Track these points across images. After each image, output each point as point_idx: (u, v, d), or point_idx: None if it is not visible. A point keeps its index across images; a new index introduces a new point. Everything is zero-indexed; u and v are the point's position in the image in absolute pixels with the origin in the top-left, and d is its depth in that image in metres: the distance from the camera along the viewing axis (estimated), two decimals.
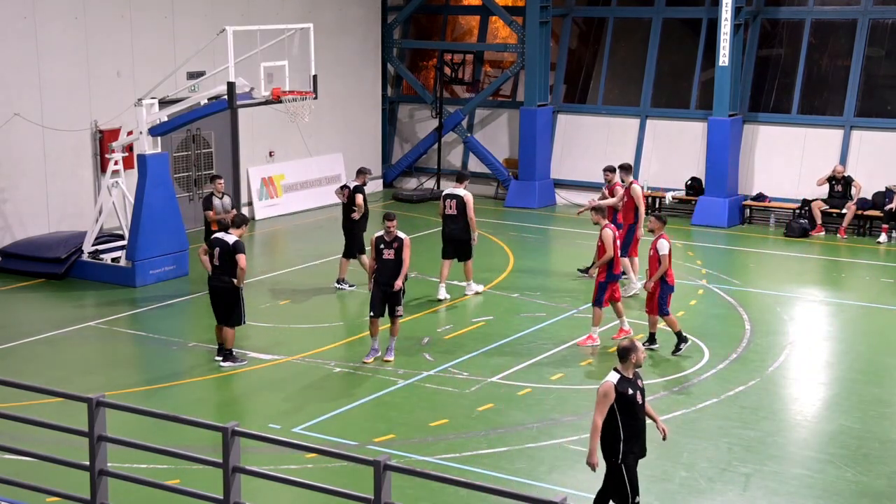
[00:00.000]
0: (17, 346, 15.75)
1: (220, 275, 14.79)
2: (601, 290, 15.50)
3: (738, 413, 13.29)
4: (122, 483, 9.32)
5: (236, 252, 14.67)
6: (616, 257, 15.45)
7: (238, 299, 14.85)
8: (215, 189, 18.02)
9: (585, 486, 11.32)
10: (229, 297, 14.82)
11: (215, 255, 14.80)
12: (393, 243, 14.81)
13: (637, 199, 18.00)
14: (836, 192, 23.29)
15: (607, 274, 15.47)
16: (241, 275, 14.71)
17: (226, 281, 14.77)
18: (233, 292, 14.81)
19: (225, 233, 14.93)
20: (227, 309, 14.86)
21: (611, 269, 15.48)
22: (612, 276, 15.51)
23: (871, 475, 11.64)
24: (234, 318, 14.89)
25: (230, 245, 14.73)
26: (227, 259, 14.71)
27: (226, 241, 14.79)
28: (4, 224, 20.05)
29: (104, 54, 21.34)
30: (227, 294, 14.80)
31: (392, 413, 13.26)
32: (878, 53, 24.46)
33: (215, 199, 17.90)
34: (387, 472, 7.71)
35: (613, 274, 15.52)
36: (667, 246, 14.97)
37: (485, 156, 27.14)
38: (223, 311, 14.89)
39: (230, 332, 14.94)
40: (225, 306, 14.85)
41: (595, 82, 27.19)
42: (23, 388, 9.98)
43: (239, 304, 14.89)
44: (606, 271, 15.46)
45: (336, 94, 26.05)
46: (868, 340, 16.23)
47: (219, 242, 14.83)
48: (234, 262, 14.67)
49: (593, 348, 15.45)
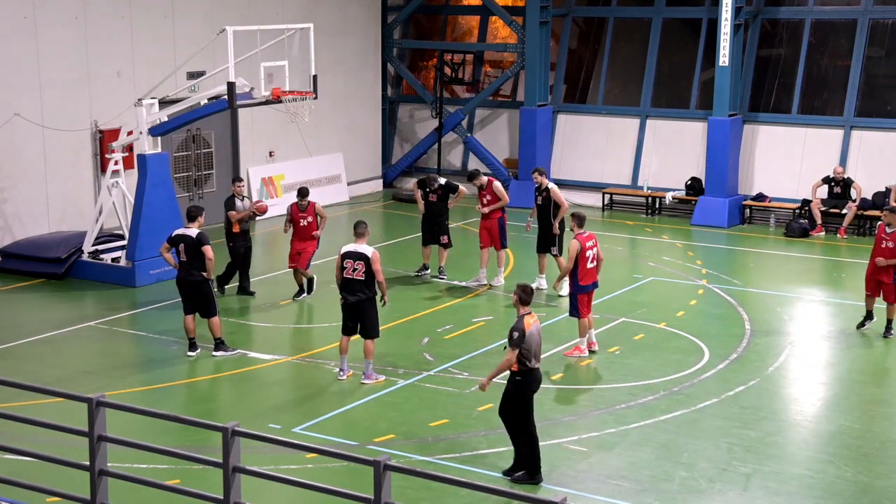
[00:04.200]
0: (17, 346, 15.75)
1: (189, 269, 14.98)
2: (572, 300, 15.23)
3: (738, 413, 13.29)
4: (122, 483, 9.31)
5: (201, 244, 14.88)
6: (582, 268, 14.97)
7: (209, 290, 15.09)
8: (236, 191, 18.00)
9: (585, 486, 11.33)
10: (201, 290, 15.02)
11: (181, 250, 15.02)
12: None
13: (500, 194, 18.68)
14: (836, 193, 23.29)
15: (574, 285, 15.13)
16: (210, 266, 14.94)
17: (195, 274, 14.95)
18: (203, 284, 15.00)
19: (185, 227, 15.22)
20: (203, 300, 15.06)
21: (576, 280, 15.07)
22: (578, 287, 15.07)
23: (871, 475, 11.64)
24: (211, 308, 15.10)
25: (194, 238, 14.94)
26: (194, 253, 14.90)
27: (189, 236, 15.01)
28: (4, 224, 20.05)
29: (104, 54, 21.34)
30: (198, 286, 15.00)
31: (392, 413, 13.25)
32: (878, 53, 24.46)
33: (237, 201, 17.85)
34: (387, 472, 7.71)
35: (579, 285, 15.07)
36: (576, 246, 14.90)
37: (485, 156, 27.14)
38: (199, 304, 15.08)
39: (215, 321, 15.14)
40: (200, 298, 15.05)
41: (595, 82, 27.19)
42: (23, 388, 9.98)
43: (211, 294, 15.14)
44: (573, 282, 15.13)
45: (336, 94, 26.05)
46: (868, 340, 16.23)
47: (182, 238, 15.04)
48: (200, 255, 14.86)
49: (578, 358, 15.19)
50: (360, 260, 13.85)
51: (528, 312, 11.35)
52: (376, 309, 14.13)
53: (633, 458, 12.00)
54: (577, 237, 15.04)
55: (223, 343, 15.26)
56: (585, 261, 14.98)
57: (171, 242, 15.18)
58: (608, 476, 11.55)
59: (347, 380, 14.26)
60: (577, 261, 14.91)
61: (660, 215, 25.44)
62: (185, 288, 15.11)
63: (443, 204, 19.09)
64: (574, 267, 14.97)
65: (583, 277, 15.03)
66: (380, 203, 26.62)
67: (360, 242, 14.03)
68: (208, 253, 14.87)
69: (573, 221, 15.31)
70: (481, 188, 18.85)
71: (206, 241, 14.94)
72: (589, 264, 15.03)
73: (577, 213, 15.49)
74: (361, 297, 13.93)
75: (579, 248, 14.91)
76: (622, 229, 23.87)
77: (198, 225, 15.12)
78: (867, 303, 16.35)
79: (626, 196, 26.01)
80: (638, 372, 14.69)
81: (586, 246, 15.00)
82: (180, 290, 15.21)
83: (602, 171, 26.43)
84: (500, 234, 18.79)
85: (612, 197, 25.97)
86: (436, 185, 19.08)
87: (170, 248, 15.25)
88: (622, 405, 13.49)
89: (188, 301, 15.14)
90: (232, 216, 17.75)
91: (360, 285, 13.90)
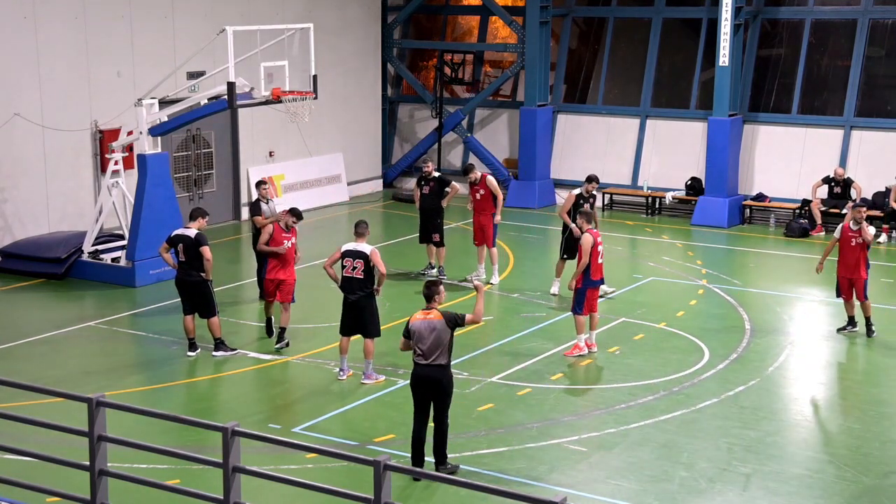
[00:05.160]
0: (17, 346, 15.75)
1: (188, 269, 14.98)
2: (579, 296, 15.21)
3: (738, 413, 13.29)
4: (122, 483, 9.31)
5: (199, 245, 14.89)
6: (594, 263, 15.04)
7: (210, 290, 15.06)
8: (261, 194, 17.51)
9: (585, 486, 11.34)
10: (200, 290, 15.01)
11: (179, 250, 15.02)
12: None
13: (495, 190, 18.75)
14: (836, 193, 23.29)
15: (584, 280, 15.13)
16: (208, 266, 14.94)
17: (194, 275, 14.96)
18: (202, 284, 15.00)
19: (184, 227, 15.22)
20: (202, 301, 15.05)
21: (588, 276, 15.10)
22: (589, 282, 15.11)
23: (871, 475, 11.64)
24: (210, 309, 15.09)
25: (193, 238, 14.95)
26: (192, 253, 14.91)
27: (188, 236, 15.02)
28: (4, 224, 20.05)
29: (104, 54, 21.34)
30: (197, 287, 14.99)
31: (392, 413, 13.25)
32: (878, 53, 24.46)
33: (262, 205, 17.59)
34: (387, 472, 7.71)
35: (591, 280, 15.12)
36: (589, 240, 15.01)
37: (485, 156, 27.13)
38: (199, 304, 15.07)
39: (214, 322, 15.14)
40: (199, 298, 15.03)
41: (595, 82, 27.19)
42: (23, 388, 9.97)
43: (211, 295, 15.11)
44: (584, 277, 15.14)
45: (336, 94, 26.05)
46: (868, 341, 16.22)
47: (181, 238, 15.04)
48: (199, 256, 14.86)
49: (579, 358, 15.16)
50: (359, 258, 13.87)
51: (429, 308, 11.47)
52: (376, 307, 14.13)
53: (633, 458, 12.00)
54: (588, 231, 15.19)
55: (223, 343, 15.27)
56: (597, 256, 15.11)
57: (170, 243, 15.19)
58: (608, 476, 11.55)
59: (347, 380, 14.26)
60: (591, 256, 15.03)
61: (660, 215, 25.44)
62: (184, 288, 15.11)
63: (437, 199, 19.07)
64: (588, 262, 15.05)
65: (594, 272, 15.14)
66: (380, 203, 26.63)
67: (359, 242, 14.05)
68: (206, 254, 14.87)
69: (582, 219, 15.46)
70: (474, 183, 18.81)
71: (204, 241, 14.95)
72: (599, 259, 15.19)
73: (585, 210, 15.85)
74: (360, 295, 13.93)
75: (592, 242, 15.03)
76: (622, 229, 23.87)
77: (198, 226, 15.12)
78: (847, 308, 16.41)
79: (626, 196, 26.01)
80: (638, 372, 14.69)
81: (598, 241, 15.15)
82: (179, 290, 15.21)
83: (602, 171, 26.33)
84: (493, 232, 18.76)
85: (612, 197, 25.97)
86: (430, 175, 19.13)
87: (169, 249, 15.26)
88: (622, 405, 13.49)
89: (187, 301, 15.15)
90: (258, 221, 17.02)
91: (359, 284, 13.91)
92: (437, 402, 11.33)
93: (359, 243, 14.03)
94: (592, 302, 15.30)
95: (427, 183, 19.19)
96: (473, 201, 18.83)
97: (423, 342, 11.25)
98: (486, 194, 18.75)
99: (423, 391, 11.36)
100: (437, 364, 11.24)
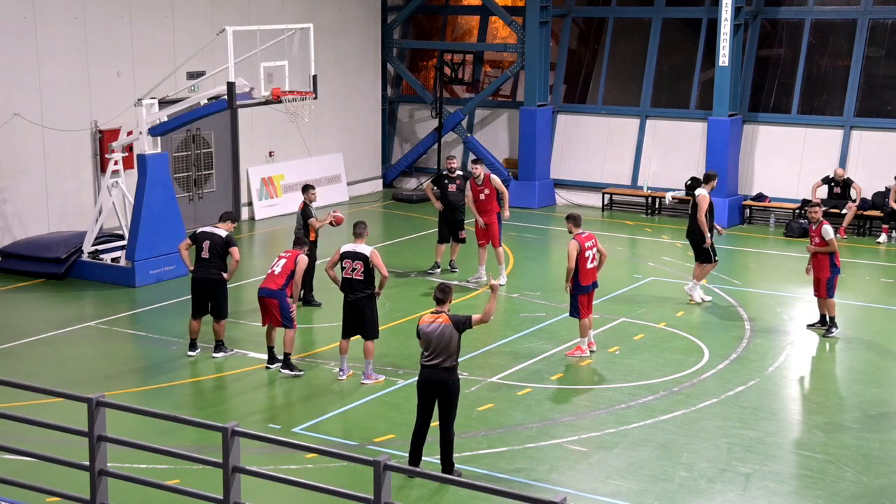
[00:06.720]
0: (17, 346, 15.75)
1: (209, 267, 14.91)
2: (573, 301, 15.16)
3: (738, 413, 13.29)
4: (122, 483, 9.31)
5: (230, 245, 14.87)
6: (583, 269, 14.93)
7: (226, 292, 15.03)
8: (308, 198, 17.32)
9: (585, 486, 11.34)
10: (217, 289, 14.96)
11: (204, 248, 14.93)
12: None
13: (500, 188, 18.81)
14: (836, 193, 23.29)
15: (575, 286, 15.02)
16: (235, 267, 14.95)
17: (214, 273, 14.88)
18: (221, 284, 14.97)
19: (212, 226, 15.19)
20: (217, 302, 15.00)
21: (576, 280, 14.99)
22: (580, 288, 14.98)
23: (871, 475, 11.64)
24: (222, 310, 15.06)
25: (223, 238, 14.94)
26: (218, 252, 14.88)
27: (218, 234, 14.99)
28: (4, 224, 20.05)
29: (104, 54, 21.34)
30: (215, 285, 14.94)
31: (392, 413, 13.25)
32: (878, 53, 24.46)
33: (310, 209, 17.48)
34: (387, 472, 7.71)
35: (581, 286, 14.99)
36: (575, 246, 14.86)
37: (485, 156, 27.11)
38: (212, 304, 15.01)
39: (222, 324, 15.12)
40: (214, 298, 14.97)
41: (595, 82, 27.19)
42: (23, 388, 9.97)
43: (227, 296, 15.08)
44: (574, 284, 15.02)
45: (336, 94, 26.05)
46: (868, 340, 16.23)
47: (208, 235, 14.99)
48: (224, 255, 14.86)
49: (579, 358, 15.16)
50: (358, 260, 13.86)
51: (438, 311, 11.37)
52: (376, 308, 14.13)
53: (633, 458, 12.00)
54: (575, 237, 15.03)
55: (223, 344, 15.24)
56: (585, 261, 14.95)
57: (194, 240, 15.11)
58: (608, 476, 11.55)
59: (347, 380, 14.26)
60: (578, 261, 14.90)
61: (660, 215, 25.44)
62: (201, 287, 14.96)
63: (462, 195, 19.07)
64: (575, 267, 14.96)
65: (583, 278, 15.01)
66: (379, 203, 26.63)
67: (358, 243, 14.05)
68: (235, 254, 14.86)
69: (569, 223, 15.28)
70: (476, 178, 18.72)
71: (234, 242, 14.97)
72: (589, 264, 15.02)
73: (573, 214, 15.45)
74: (360, 296, 13.93)
75: (579, 248, 14.89)
76: (622, 229, 23.87)
77: (226, 228, 15.13)
78: (819, 306, 16.45)
79: (625, 196, 26.01)
80: (638, 372, 14.69)
81: (585, 246, 14.98)
82: (195, 289, 15.03)
83: (602, 171, 26.44)
84: (499, 231, 18.78)
85: (611, 197, 25.98)
86: (455, 174, 19.21)
87: (190, 245, 15.18)
88: (622, 405, 13.49)
89: (200, 302, 15.01)
90: (313, 224, 17.02)
91: (359, 285, 13.91)
92: (443, 405, 11.28)
93: (358, 244, 14.03)
94: (588, 305, 15.25)
95: (453, 181, 19.15)
96: (477, 200, 18.77)
97: (431, 345, 11.23)
98: (490, 194, 18.73)
99: (429, 393, 11.32)
100: (444, 367, 11.21)
